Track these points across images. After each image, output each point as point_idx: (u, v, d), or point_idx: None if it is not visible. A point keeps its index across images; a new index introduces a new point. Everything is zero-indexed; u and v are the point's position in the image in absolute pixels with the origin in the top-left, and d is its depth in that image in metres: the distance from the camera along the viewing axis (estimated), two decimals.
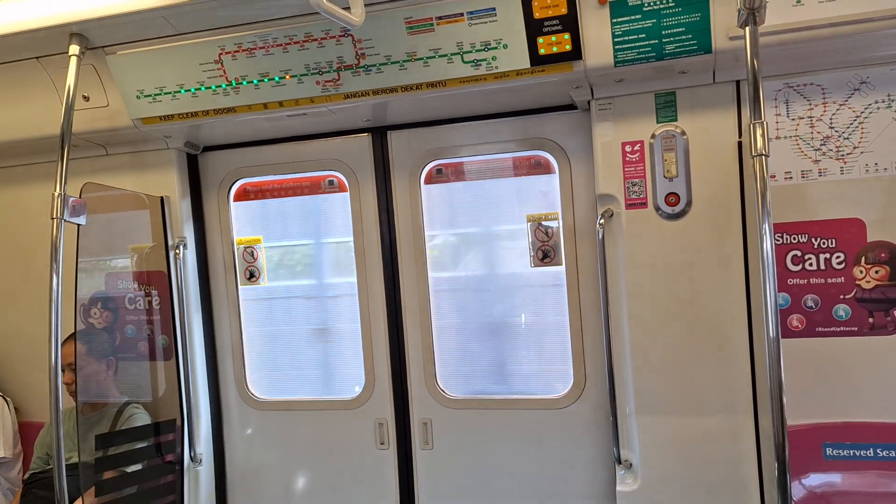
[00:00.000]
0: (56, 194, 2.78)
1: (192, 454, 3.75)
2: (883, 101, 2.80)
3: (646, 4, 2.70)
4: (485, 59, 2.91)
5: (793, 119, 2.89)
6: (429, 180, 3.71)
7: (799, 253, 2.90)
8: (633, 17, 2.72)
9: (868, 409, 2.88)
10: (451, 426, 3.72)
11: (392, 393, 3.79)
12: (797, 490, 2.91)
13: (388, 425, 3.80)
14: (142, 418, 3.58)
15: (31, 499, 3.54)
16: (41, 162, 3.84)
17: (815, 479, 2.91)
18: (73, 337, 3.49)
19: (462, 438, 3.71)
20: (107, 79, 3.27)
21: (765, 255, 2.22)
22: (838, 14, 2.53)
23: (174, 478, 3.68)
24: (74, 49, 2.94)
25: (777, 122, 2.91)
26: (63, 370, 3.36)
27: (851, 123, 2.83)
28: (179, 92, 3.23)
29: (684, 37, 2.71)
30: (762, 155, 2.25)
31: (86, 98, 3.34)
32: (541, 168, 3.57)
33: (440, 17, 2.82)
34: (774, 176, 2.90)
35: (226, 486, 4.05)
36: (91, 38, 3.02)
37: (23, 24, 2.94)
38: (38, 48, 3.15)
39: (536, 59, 2.87)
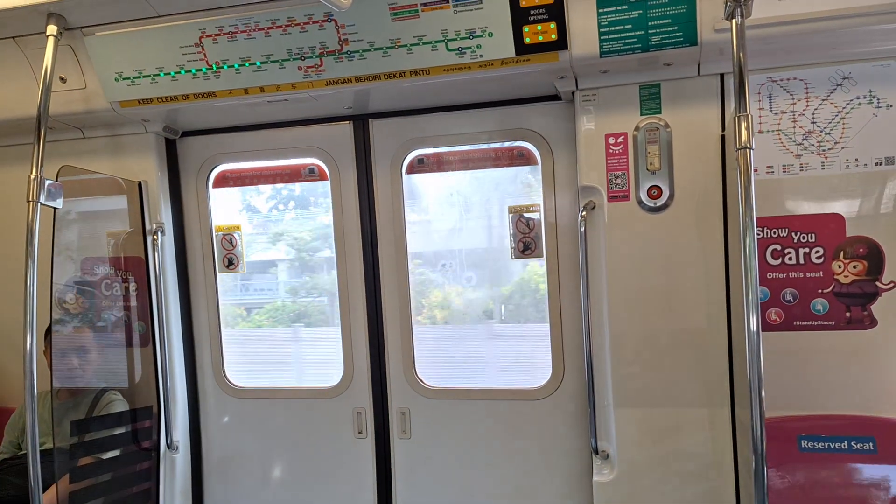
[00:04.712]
0: (32, 177, 2.73)
1: (169, 441, 3.72)
2: (864, 97, 2.82)
3: None
4: (469, 48, 2.88)
5: (776, 113, 2.91)
6: (410, 170, 3.69)
7: (779, 247, 2.92)
8: (619, 8, 2.71)
9: (843, 403, 2.91)
10: (429, 416, 3.72)
11: (371, 382, 3.78)
12: (772, 481, 2.94)
13: (366, 414, 3.79)
14: (121, 405, 3.55)
15: (4, 485, 3.49)
16: (17, 144, 3.78)
17: (790, 471, 2.94)
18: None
19: (440, 428, 3.71)
20: (84, 60, 3.21)
21: (747, 249, 2.23)
22: (823, 9, 2.54)
23: (150, 465, 3.66)
24: (51, 29, 2.87)
25: (760, 117, 2.92)
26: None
27: (833, 119, 2.85)
28: (158, 75, 3.18)
29: (670, 28, 2.70)
30: (746, 148, 2.25)
31: (63, 80, 3.28)
32: (523, 159, 3.55)
33: (425, 4, 2.79)
34: (756, 170, 2.91)
35: (202, 473, 4.03)
36: (69, 18, 2.96)
37: None
38: (14, 27, 3.08)
39: (521, 48, 2.85)
